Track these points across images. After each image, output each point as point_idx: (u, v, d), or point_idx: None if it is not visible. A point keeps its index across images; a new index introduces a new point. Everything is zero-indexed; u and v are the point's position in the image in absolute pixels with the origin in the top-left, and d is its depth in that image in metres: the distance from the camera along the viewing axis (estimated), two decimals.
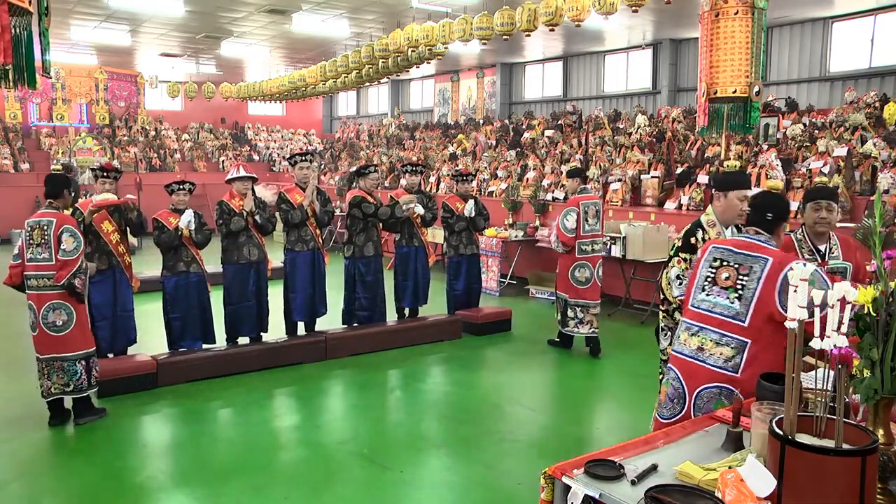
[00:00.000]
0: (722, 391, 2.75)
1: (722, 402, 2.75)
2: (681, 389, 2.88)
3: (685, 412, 2.84)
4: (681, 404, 2.87)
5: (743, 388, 2.69)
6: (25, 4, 2.79)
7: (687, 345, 2.89)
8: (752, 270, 2.77)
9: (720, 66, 4.65)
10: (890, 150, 7.70)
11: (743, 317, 2.74)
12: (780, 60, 12.21)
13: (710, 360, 2.78)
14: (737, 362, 2.73)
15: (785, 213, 2.99)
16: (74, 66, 16.02)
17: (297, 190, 6.58)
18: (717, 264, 2.89)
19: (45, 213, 4.79)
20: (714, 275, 2.87)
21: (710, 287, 2.88)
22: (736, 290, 2.78)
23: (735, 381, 2.72)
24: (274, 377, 6.03)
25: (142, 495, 3.95)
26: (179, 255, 5.93)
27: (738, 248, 2.86)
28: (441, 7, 10.35)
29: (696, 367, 2.83)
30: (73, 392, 4.82)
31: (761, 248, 2.82)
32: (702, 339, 2.83)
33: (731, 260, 2.85)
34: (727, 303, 2.80)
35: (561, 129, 13.30)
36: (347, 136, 20.25)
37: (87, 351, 4.89)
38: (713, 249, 2.95)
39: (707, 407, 2.76)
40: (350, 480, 4.12)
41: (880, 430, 1.87)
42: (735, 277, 2.80)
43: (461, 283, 7.55)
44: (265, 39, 14.21)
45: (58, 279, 4.65)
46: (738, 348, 2.74)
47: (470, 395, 5.73)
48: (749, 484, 1.71)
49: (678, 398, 2.89)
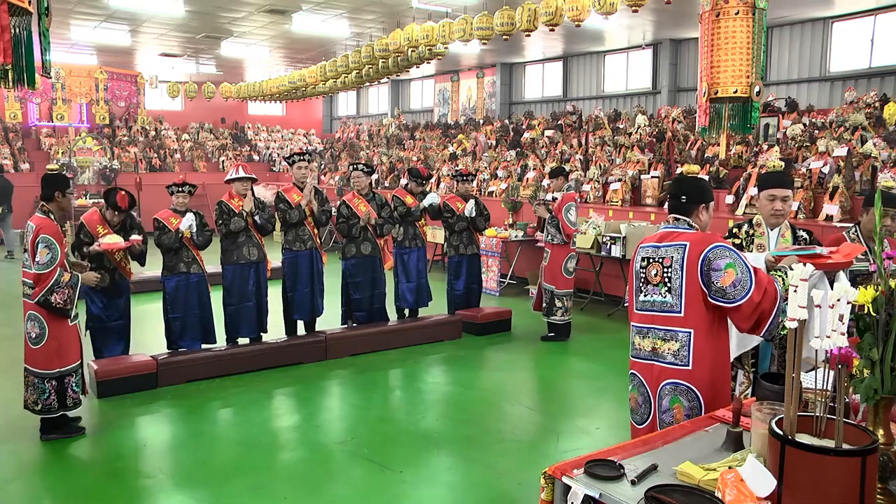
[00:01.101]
0: (677, 387, 2.77)
1: (678, 398, 2.76)
2: (646, 393, 2.89)
3: (652, 415, 2.86)
4: (648, 407, 2.88)
5: (696, 381, 2.73)
6: (25, 4, 2.78)
7: (641, 348, 2.91)
8: (673, 260, 2.78)
9: (721, 66, 4.64)
10: (890, 150, 7.70)
11: (678, 308, 2.76)
12: (780, 60, 12.21)
13: (663, 357, 2.81)
14: (685, 354, 2.75)
15: (701, 194, 2.93)
16: (74, 66, 15.99)
17: (295, 189, 6.59)
18: (644, 263, 2.90)
19: (34, 217, 4.56)
20: (645, 274, 2.89)
21: (644, 287, 2.89)
22: (665, 284, 2.80)
23: (687, 375, 2.74)
24: (274, 377, 6.03)
25: (142, 495, 3.95)
26: (180, 255, 5.93)
27: (660, 242, 2.87)
28: (441, 7, 10.34)
29: (653, 367, 2.85)
30: (42, 412, 4.53)
31: (678, 234, 2.83)
32: (652, 339, 2.85)
33: (655, 256, 2.86)
34: (661, 298, 2.82)
35: (561, 129, 13.30)
36: (347, 136, 20.25)
37: (59, 370, 4.52)
38: (640, 250, 2.96)
39: (665, 403, 2.80)
40: (350, 480, 4.12)
41: (880, 430, 1.87)
42: (662, 271, 2.81)
43: (461, 283, 7.56)
44: (265, 39, 14.20)
45: (34, 295, 4.39)
46: (683, 340, 2.75)
47: (470, 395, 5.73)
48: (749, 484, 1.71)
49: (645, 402, 2.90)
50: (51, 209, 4.60)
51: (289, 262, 6.61)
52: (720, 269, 2.68)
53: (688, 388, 2.74)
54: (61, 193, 4.66)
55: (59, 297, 4.42)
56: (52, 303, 4.40)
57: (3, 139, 16.83)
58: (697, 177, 3.28)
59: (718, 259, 2.69)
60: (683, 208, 2.90)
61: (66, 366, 4.56)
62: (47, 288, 4.38)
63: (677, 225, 2.89)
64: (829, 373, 1.81)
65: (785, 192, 3.31)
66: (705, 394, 2.73)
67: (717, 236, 2.83)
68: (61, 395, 4.55)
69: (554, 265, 7.06)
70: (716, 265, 2.69)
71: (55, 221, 4.53)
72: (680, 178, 3.15)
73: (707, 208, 2.94)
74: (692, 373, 2.73)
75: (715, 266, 2.69)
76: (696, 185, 2.98)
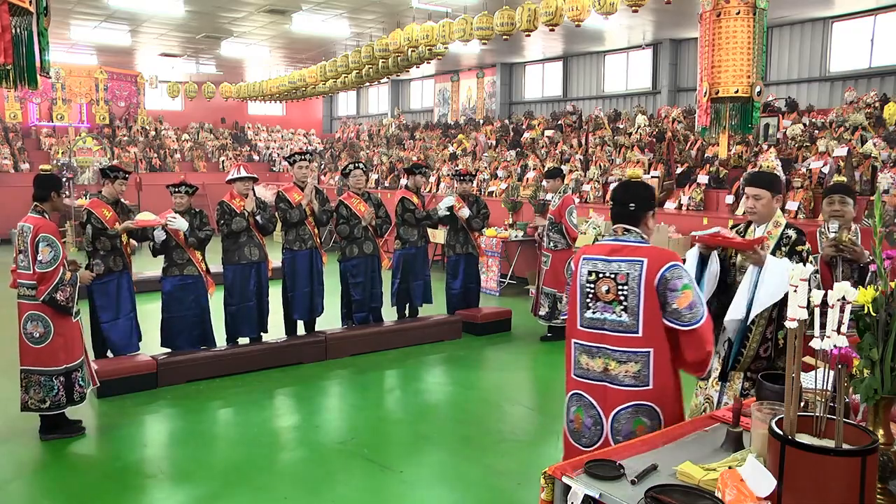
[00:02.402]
0: (639, 409, 2.63)
1: (641, 419, 2.63)
2: (597, 415, 2.71)
3: (604, 437, 2.68)
4: (599, 429, 2.70)
5: (657, 398, 2.61)
6: (25, 4, 2.78)
7: (590, 368, 2.72)
8: (629, 278, 2.61)
9: (722, 65, 4.64)
10: (890, 150, 7.71)
11: (635, 328, 2.60)
12: (781, 60, 12.21)
13: (619, 379, 2.64)
14: (645, 375, 2.61)
15: (649, 200, 2.77)
16: (74, 66, 15.99)
17: (295, 189, 6.59)
18: (593, 278, 2.71)
19: (29, 217, 4.54)
20: (594, 290, 2.70)
21: (593, 303, 2.70)
22: (620, 303, 2.63)
23: (650, 394, 2.61)
24: (274, 377, 6.03)
25: (142, 495, 3.95)
26: (178, 257, 5.92)
27: (610, 256, 2.68)
28: (441, 7, 10.34)
29: (606, 389, 2.67)
30: (50, 409, 4.57)
31: (632, 248, 2.66)
32: (605, 360, 2.67)
33: (606, 270, 2.67)
34: (616, 318, 2.64)
35: (561, 129, 13.30)
36: (347, 136, 20.25)
37: (66, 366, 4.59)
38: (584, 262, 2.76)
39: (626, 428, 2.63)
40: (350, 480, 4.12)
41: (880, 430, 1.87)
42: (616, 289, 2.63)
43: (458, 282, 7.55)
44: (265, 39, 14.21)
45: (38, 294, 4.41)
46: (643, 361, 2.61)
47: (470, 395, 5.73)
48: (749, 484, 1.71)
49: (595, 424, 2.72)
50: (45, 209, 4.63)
51: (289, 261, 6.61)
52: (677, 289, 2.55)
53: (649, 408, 2.62)
54: (56, 193, 4.72)
55: (63, 294, 4.47)
56: (58, 300, 4.46)
57: (3, 139, 16.83)
58: (644, 182, 3.06)
59: (675, 279, 2.56)
60: (632, 216, 2.72)
61: (73, 361, 4.64)
62: (52, 286, 4.42)
63: (628, 237, 2.70)
64: (829, 373, 1.81)
65: (755, 190, 3.21)
66: (666, 409, 2.64)
67: (674, 254, 2.67)
68: (69, 391, 4.63)
69: (556, 268, 7.04)
70: (672, 285, 2.55)
71: (51, 221, 4.59)
72: (627, 184, 2.88)
73: (654, 215, 2.80)
74: (653, 391, 2.61)
75: (672, 286, 2.55)
76: (644, 191, 2.80)
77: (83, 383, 4.72)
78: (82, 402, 4.73)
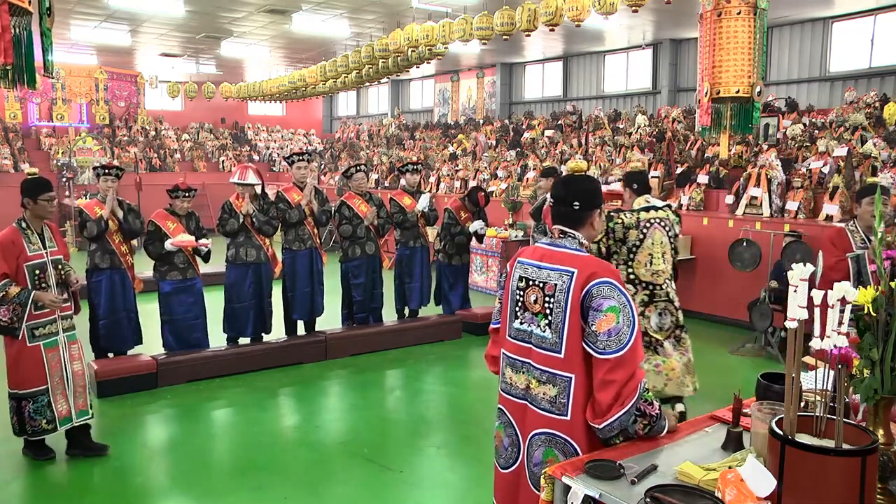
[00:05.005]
0: (553, 439, 2.25)
1: (552, 451, 2.25)
2: (514, 435, 2.39)
3: (520, 461, 2.37)
4: (516, 452, 2.39)
5: (574, 433, 2.22)
6: (25, 4, 2.78)
7: (514, 384, 2.39)
8: (556, 289, 2.24)
9: (723, 65, 4.64)
10: (890, 150, 7.70)
11: (558, 347, 2.23)
12: (781, 60, 12.21)
13: (537, 401, 2.29)
14: (563, 403, 2.22)
15: (596, 197, 2.38)
16: (74, 66, 15.97)
17: (295, 189, 6.60)
18: (522, 284, 2.36)
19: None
20: (522, 298, 2.35)
21: (521, 313, 2.36)
22: (546, 317, 2.27)
23: (566, 426, 2.23)
24: (274, 377, 6.03)
25: (142, 495, 3.95)
26: (173, 258, 5.91)
27: (542, 262, 2.33)
28: (441, 7, 10.34)
29: (526, 409, 2.33)
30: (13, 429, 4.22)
31: (566, 256, 2.29)
32: (528, 376, 2.33)
33: (535, 278, 2.32)
34: (540, 332, 2.28)
35: (561, 129, 13.30)
36: (347, 136, 20.25)
37: (14, 391, 4.14)
38: (517, 265, 2.42)
39: (537, 455, 2.29)
40: (350, 480, 4.12)
41: (880, 430, 1.87)
42: (542, 300, 2.28)
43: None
44: (265, 39, 14.20)
45: None
46: (562, 386, 2.23)
47: (470, 395, 5.73)
48: (749, 484, 1.71)
49: (512, 445, 2.40)
50: (23, 216, 4.19)
51: (289, 261, 6.61)
52: (601, 309, 2.16)
53: (564, 441, 2.23)
54: (32, 200, 4.15)
55: (4, 314, 3.98)
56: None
57: (3, 139, 16.83)
58: (589, 176, 2.53)
59: (602, 298, 2.17)
60: (575, 217, 2.34)
61: (21, 389, 4.13)
62: None
63: (564, 243, 2.33)
64: (829, 373, 1.81)
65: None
66: (584, 446, 2.23)
67: (610, 268, 2.28)
68: (20, 420, 4.19)
69: None
70: (597, 304, 2.17)
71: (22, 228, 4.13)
72: (569, 179, 2.44)
73: (601, 213, 2.39)
74: (570, 424, 2.22)
75: (596, 305, 2.17)
76: (590, 187, 2.39)
77: (37, 417, 4.16)
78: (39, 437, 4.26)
